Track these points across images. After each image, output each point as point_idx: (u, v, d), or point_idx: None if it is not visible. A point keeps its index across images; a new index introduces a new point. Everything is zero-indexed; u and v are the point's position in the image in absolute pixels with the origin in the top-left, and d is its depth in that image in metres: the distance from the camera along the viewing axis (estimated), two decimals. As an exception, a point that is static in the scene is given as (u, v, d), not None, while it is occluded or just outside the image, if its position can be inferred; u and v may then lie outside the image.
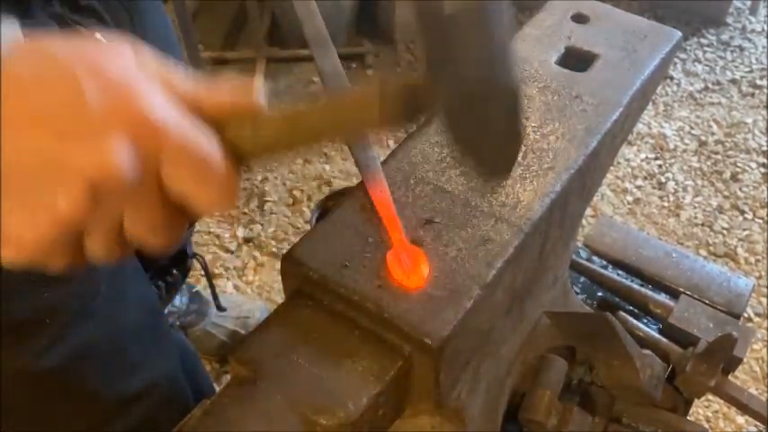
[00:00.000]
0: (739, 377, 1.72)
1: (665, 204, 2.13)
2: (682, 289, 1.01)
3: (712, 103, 2.44)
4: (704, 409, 1.67)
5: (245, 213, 2.07)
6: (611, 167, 2.10)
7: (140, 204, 0.42)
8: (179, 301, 1.60)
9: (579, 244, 1.10)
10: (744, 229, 2.06)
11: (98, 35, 0.44)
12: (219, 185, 0.43)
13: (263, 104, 0.46)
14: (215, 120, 0.44)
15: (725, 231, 2.05)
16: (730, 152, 2.28)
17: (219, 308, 1.63)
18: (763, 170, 2.22)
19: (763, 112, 2.41)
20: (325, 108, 0.45)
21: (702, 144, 2.30)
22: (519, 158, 0.65)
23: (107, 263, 0.44)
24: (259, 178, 2.17)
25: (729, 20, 2.75)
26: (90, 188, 0.39)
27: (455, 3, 0.38)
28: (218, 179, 0.43)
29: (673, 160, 2.26)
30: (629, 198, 2.15)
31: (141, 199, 0.42)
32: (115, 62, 0.42)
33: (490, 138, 0.45)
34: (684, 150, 2.29)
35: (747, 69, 2.57)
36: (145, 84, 0.42)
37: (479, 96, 0.42)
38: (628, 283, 1.03)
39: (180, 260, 1.51)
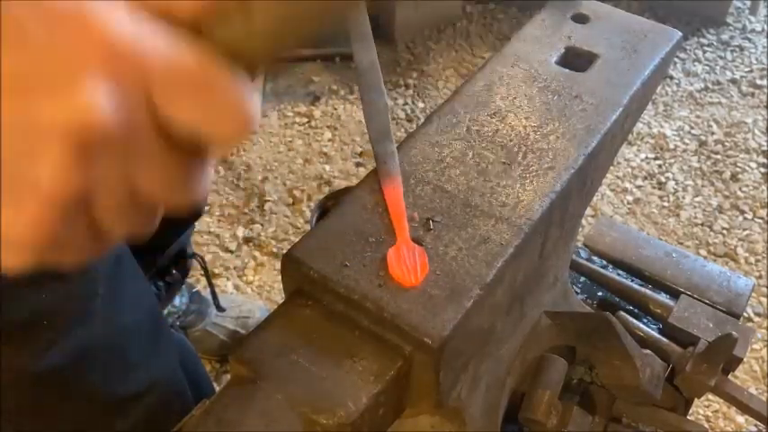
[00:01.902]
0: (739, 377, 1.72)
1: (665, 204, 2.13)
2: (682, 289, 1.01)
3: (712, 103, 2.44)
4: (704, 408, 1.67)
5: (245, 213, 2.07)
6: (611, 167, 2.11)
7: (145, 154, 0.33)
8: (179, 301, 1.60)
9: (579, 244, 1.10)
10: (744, 229, 2.06)
11: None
12: (229, 105, 0.34)
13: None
14: (197, 23, 0.35)
15: (725, 231, 2.05)
16: (730, 152, 2.28)
17: (219, 308, 1.63)
18: (763, 170, 2.22)
19: (763, 112, 2.41)
20: None
21: (702, 144, 2.30)
22: (519, 158, 0.65)
23: (136, 239, 0.36)
24: (259, 178, 2.17)
25: (729, 20, 2.75)
26: (73, 148, 0.31)
27: None
28: (225, 97, 0.34)
29: (673, 160, 2.26)
30: (629, 198, 2.15)
31: (144, 147, 0.33)
32: None
33: None
34: (684, 150, 2.29)
35: (747, 69, 2.57)
36: (99, 1, 0.32)
37: None
38: (628, 283, 1.03)
39: (180, 260, 1.51)
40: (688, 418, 0.91)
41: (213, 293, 1.56)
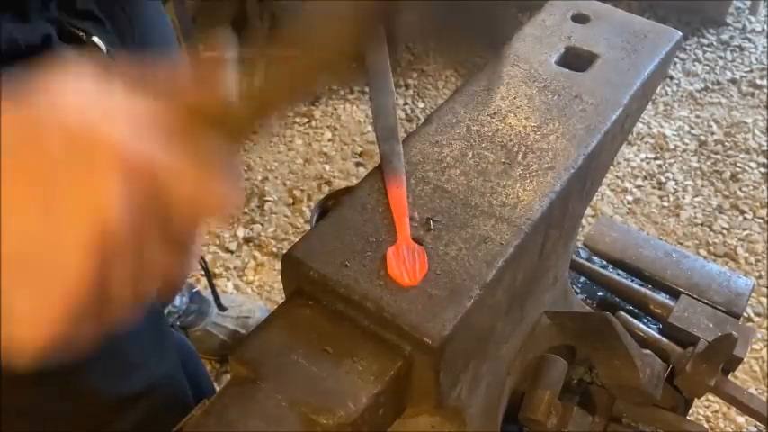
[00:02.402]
0: (739, 377, 1.72)
1: (665, 204, 2.13)
2: (682, 289, 1.01)
3: (712, 103, 2.44)
4: (704, 409, 1.67)
5: (245, 213, 2.07)
6: (611, 167, 2.11)
7: (150, 244, 0.40)
8: (179, 301, 1.60)
9: (579, 244, 1.10)
10: (744, 229, 2.06)
11: (53, 65, 0.40)
12: (220, 190, 0.41)
13: (232, 89, 0.45)
14: (192, 116, 0.43)
15: (725, 231, 2.05)
16: (730, 152, 2.28)
17: (220, 308, 1.63)
18: (763, 170, 2.22)
19: (763, 112, 2.41)
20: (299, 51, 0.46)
21: (702, 144, 2.30)
22: (519, 158, 0.65)
23: (135, 313, 0.42)
24: (259, 178, 2.17)
25: (729, 20, 2.75)
26: (93, 249, 0.36)
27: None
28: (217, 185, 0.41)
29: (672, 160, 2.26)
30: (629, 198, 2.14)
31: (149, 238, 0.40)
32: (73, 105, 0.39)
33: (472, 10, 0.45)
34: (684, 150, 2.29)
35: (747, 69, 2.57)
36: (111, 120, 0.39)
37: None
38: (628, 283, 1.03)
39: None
40: (688, 418, 0.91)
41: (214, 293, 1.56)
